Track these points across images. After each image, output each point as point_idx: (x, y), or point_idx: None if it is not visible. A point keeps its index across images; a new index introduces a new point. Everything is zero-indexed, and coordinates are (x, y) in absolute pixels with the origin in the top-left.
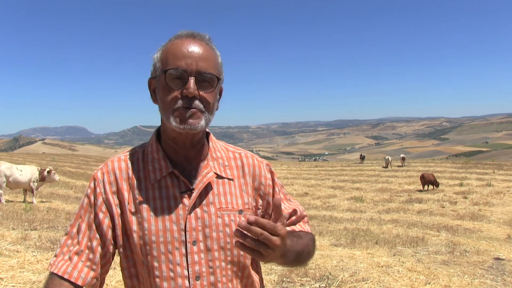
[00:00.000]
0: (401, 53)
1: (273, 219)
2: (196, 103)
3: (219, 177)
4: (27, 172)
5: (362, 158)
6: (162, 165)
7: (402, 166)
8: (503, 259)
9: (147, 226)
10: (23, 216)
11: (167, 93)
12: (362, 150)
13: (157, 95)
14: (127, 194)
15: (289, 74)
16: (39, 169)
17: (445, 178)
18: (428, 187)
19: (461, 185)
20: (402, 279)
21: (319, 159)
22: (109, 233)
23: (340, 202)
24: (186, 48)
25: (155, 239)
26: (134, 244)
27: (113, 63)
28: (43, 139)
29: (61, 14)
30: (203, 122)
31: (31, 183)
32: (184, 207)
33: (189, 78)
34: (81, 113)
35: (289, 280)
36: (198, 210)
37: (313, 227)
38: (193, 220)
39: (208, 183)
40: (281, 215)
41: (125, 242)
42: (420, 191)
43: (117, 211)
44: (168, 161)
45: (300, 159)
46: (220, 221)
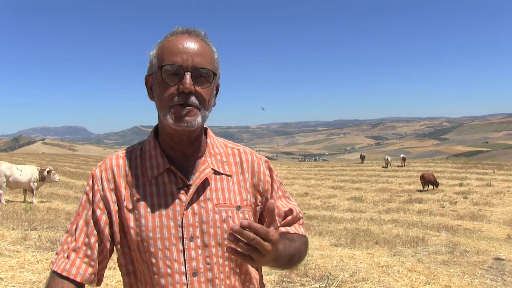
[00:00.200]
0: (401, 53)
1: (267, 223)
2: (192, 99)
3: (217, 173)
4: (27, 172)
5: (362, 158)
6: (159, 161)
7: (402, 166)
8: (503, 259)
9: (144, 222)
10: (23, 216)
11: (164, 89)
12: (362, 150)
13: (153, 92)
14: (124, 191)
15: (289, 74)
16: (39, 169)
17: (445, 178)
18: (428, 187)
19: (461, 185)
20: (402, 279)
21: (319, 159)
22: (107, 230)
23: (340, 202)
24: (181, 44)
25: (152, 235)
26: (131, 240)
27: (113, 63)
28: (43, 139)
29: (61, 14)
30: (199, 119)
31: (31, 183)
32: (181, 203)
33: (185, 73)
34: (81, 113)
35: (289, 280)
36: (195, 206)
37: (313, 227)
38: (190, 216)
39: (205, 179)
40: (275, 219)
41: (122, 239)
42: (420, 191)
43: (114, 208)
44: (165, 158)
45: (300, 159)
46: (217, 217)
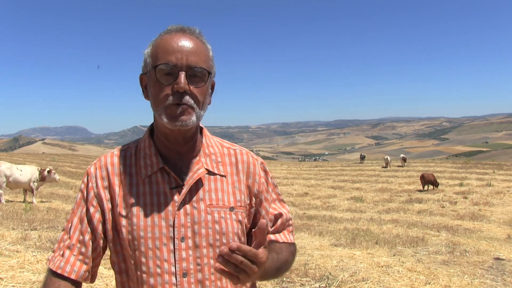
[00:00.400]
0: (401, 53)
1: (257, 242)
2: (186, 98)
3: (211, 173)
4: (27, 172)
5: (362, 158)
6: (153, 160)
7: (402, 166)
8: (503, 259)
9: (135, 221)
10: (23, 216)
11: (158, 89)
12: (362, 150)
13: (148, 91)
14: (118, 189)
15: (289, 74)
16: (39, 169)
17: (445, 178)
18: (428, 187)
19: (461, 185)
20: (402, 279)
21: (319, 159)
22: (100, 227)
23: (340, 202)
24: (176, 42)
25: (143, 234)
26: (123, 239)
27: (113, 63)
28: (43, 139)
29: (61, 14)
30: (194, 118)
31: (31, 183)
32: (173, 203)
33: (180, 73)
34: (81, 113)
35: (289, 280)
36: (187, 206)
37: (313, 227)
38: (182, 216)
39: (199, 179)
40: (265, 239)
41: (115, 237)
42: (420, 191)
43: (108, 205)
44: (159, 157)
45: (300, 159)
46: (209, 217)
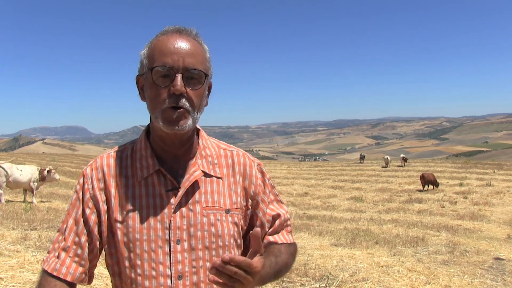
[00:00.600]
0: (401, 53)
1: (252, 250)
2: (183, 101)
3: (207, 175)
4: (27, 172)
5: (362, 158)
6: (149, 162)
7: (402, 166)
8: (503, 259)
9: (131, 223)
10: (23, 216)
11: (154, 91)
12: (362, 150)
13: (145, 92)
14: (114, 190)
15: (289, 74)
16: (39, 169)
17: (445, 178)
18: (428, 187)
19: (461, 185)
20: (402, 279)
21: (319, 159)
22: (96, 229)
23: (340, 202)
24: (172, 44)
25: (138, 236)
26: (118, 241)
27: (113, 63)
28: (43, 139)
29: (61, 13)
30: (190, 122)
31: (31, 183)
32: (169, 206)
33: (176, 75)
34: (81, 113)
35: (289, 280)
36: (183, 208)
37: (313, 227)
38: (178, 218)
39: (195, 182)
40: (260, 247)
41: (110, 239)
42: (420, 191)
43: (103, 207)
44: (155, 159)
45: (300, 159)
46: (205, 220)
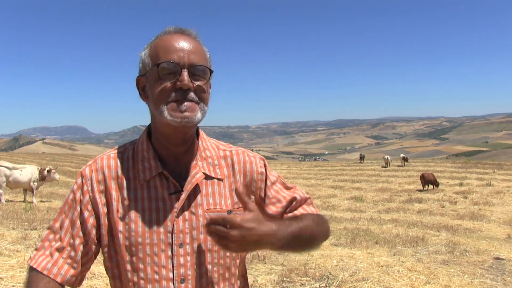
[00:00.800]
0: (401, 52)
1: (242, 206)
2: (191, 95)
3: (208, 177)
4: (27, 172)
5: (361, 157)
6: (151, 164)
7: (402, 166)
8: (503, 259)
9: (133, 227)
10: (23, 215)
11: (160, 86)
12: (362, 149)
13: (146, 92)
14: (115, 193)
15: (289, 74)
16: (39, 168)
17: (445, 178)
18: (428, 186)
19: (461, 184)
20: (402, 278)
21: (319, 158)
22: (93, 232)
23: (340, 201)
24: (176, 42)
25: (141, 240)
26: (118, 244)
27: (113, 63)
28: (43, 139)
29: (61, 13)
30: (199, 114)
31: (31, 183)
32: (172, 209)
33: (182, 70)
34: (81, 113)
35: (289, 279)
36: (186, 212)
37: None
38: (181, 222)
39: (196, 184)
40: (246, 202)
41: (110, 242)
42: (420, 190)
43: (103, 210)
44: (157, 161)
45: (300, 159)
46: None
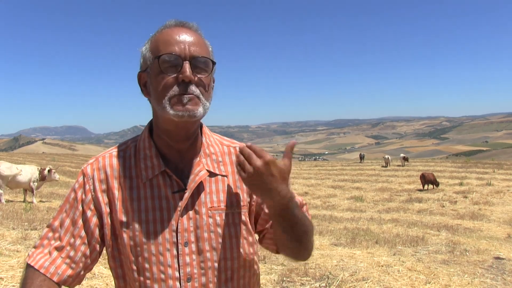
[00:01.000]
0: (401, 52)
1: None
2: (192, 88)
3: (212, 174)
4: (27, 172)
5: (361, 157)
6: (154, 163)
7: (402, 165)
8: (503, 259)
9: (137, 226)
10: (23, 216)
11: (161, 80)
12: (362, 149)
13: (148, 88)
14: (117, 192)
15: (289, 73)
16: (39, 168)
17: (445, 177)
18: (428, 186)
19: (461, 184)
20: (402, 278)
21: (319, 158)
22: (96, 232)
23: (340, 201)
24: (177, 34)
25: (146, 240)
26: (122, 244)
27: (113, 63)
28: (43, 139)
29: (61, 13)
30: (201, 109)
31: (31, 183)
32: (176, 208)
33: (184, 62)
34: (81, 113)
35: (289, 279)
36: (190, 210)
37: None
38: (185, 221)
39: (200, 182)
40: (289, 154)
41: (113, 242)
42: (420, 190)
43: (106, 210)
44: (160, 159)
45: (300, 159)
46: (211, 221)
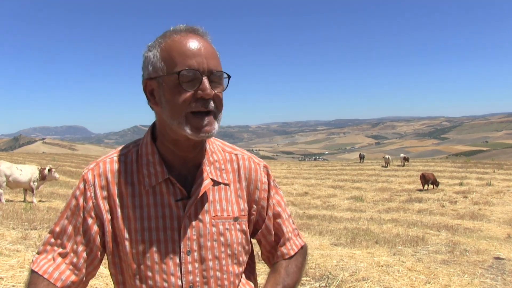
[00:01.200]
0: (401, 52)
1: None
2: (211, 105)
3: (216, 183)
4: (27, 171)
5: (361, 157)
6: (157, 170)
7: (402, 165)
8: (503, 259)
9: (140, 235)
10: (23, 215)
11: (179, 95)
12: (362, 149)
13: (157, 97)
14: (119, 199)
15: (289, 73)
16: (39, 168)
17: (445, 177)
18: (428, 186)
19: (461, 184)
20: (402, 278)
21: (319, 158)
22: (98, 239)
23: (340, 201)
24: (192, 44)
25: (148, 248)
26: (124, 252)
27: (113, 62)
28: (43, 139)
29: (61, 13)
30: (216, 125)
31: (31, 183)
32: (179, 216)
33: (203, 78)
34: (81, 113)
35: None
36: (193, 219)
37: (313, 226)
38: (188, 229)
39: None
40: None
41: (114, 249)
42: (420, 190)
43: (107, 217)
44: (164, 166)
45: (300, 159)
46: (214, 230)
